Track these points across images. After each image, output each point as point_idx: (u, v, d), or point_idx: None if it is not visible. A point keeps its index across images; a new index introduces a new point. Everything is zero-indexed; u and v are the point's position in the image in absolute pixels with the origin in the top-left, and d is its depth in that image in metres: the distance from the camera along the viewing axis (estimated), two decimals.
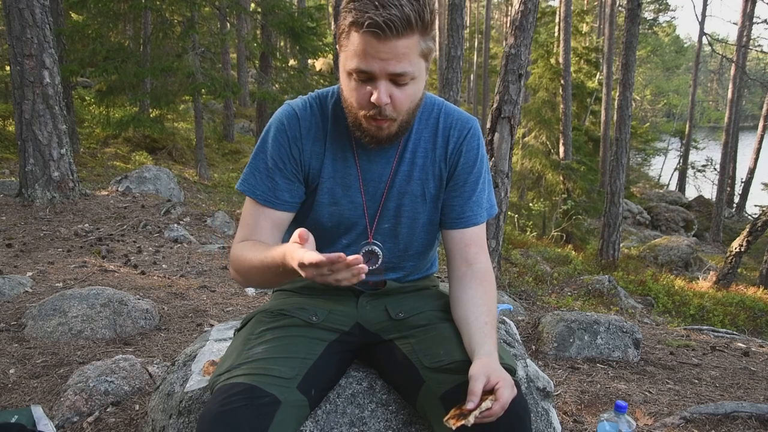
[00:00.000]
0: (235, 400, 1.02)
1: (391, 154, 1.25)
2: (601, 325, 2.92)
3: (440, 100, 1.31)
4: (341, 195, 1.25)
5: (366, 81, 1.08)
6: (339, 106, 1.23)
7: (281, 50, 14.68)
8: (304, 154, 1.24)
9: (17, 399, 2.01)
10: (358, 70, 1.06)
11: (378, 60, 1.04)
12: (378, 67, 1.05)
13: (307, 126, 1.24)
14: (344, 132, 1.23)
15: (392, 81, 1.07)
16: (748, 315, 6.51)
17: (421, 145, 1.27)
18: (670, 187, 25.01)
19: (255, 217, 1.24)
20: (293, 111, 1.24)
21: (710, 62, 41.29)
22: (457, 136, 1.28)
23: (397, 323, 1.29)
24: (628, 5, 9.27)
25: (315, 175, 1.25)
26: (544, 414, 1.41)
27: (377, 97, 1.07)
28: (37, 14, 5.16)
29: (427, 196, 1.28)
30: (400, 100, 1.10)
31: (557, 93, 15.48)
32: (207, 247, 4.76)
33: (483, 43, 26.58)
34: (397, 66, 1.05)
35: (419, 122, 1.27)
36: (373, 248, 1.30)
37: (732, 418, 2.12)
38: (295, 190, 1.25)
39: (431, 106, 1.29)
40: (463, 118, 1.29)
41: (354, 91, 1.10)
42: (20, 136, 5.27)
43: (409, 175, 1.26)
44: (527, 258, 7.99)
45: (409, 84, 1.09)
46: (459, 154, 1.28)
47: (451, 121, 1.28)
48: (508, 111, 5.32)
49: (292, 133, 1.23)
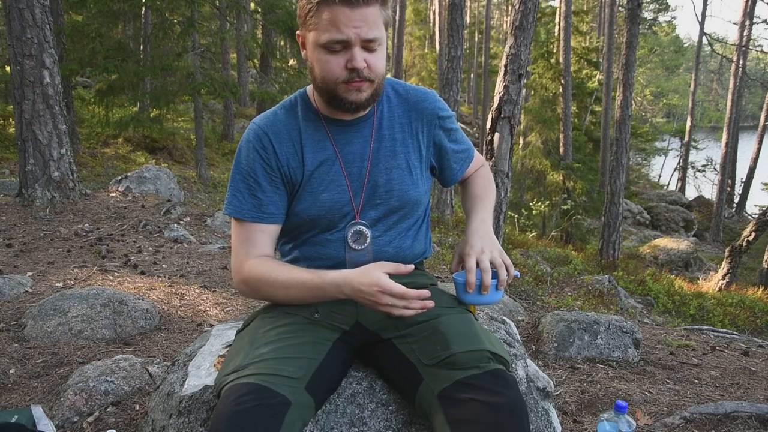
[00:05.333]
0: (247, 400, 1.02)
1: (367, 133, 1.31)
2: (601, 325, 2.92)
3: (398, 80, 1.41)
4: (328, 181, 1.30)
5: (340, 51, 1.15)
6: (306, 101, 1.32)
7: (281, 50, 14.68)
8: (281, 158, 1.29)
9: (17, 399, 2.01)
10: (334, 41, 1.13)
11: (352, 27, 1.12)
12: (353, 34, 1.13)
13: (275, 132, 1.30)
14: (316, 122, 1.31)
15: (364, 48, 1.16)
16: (748, 315, 6.51)
17: (397, 120, 1.35)
18: (670, 187, 25.02)
19: (249, 233, 1.30)
20: (257, 127, 1.31)
21: (710, 62, 41.32)
22: (428, 107, 1.37)
23: (396, 321, 1.29)
24: (628, 5, 9.27)
25: (297, 172, 1.30)
26: (544, 414, 1.41)
27: (355, 61, 1.15)
28: (37, 14, 5.16)
29: (413, 169, 1.35)
30: (374, 63, 1.18)
31: (557, 93, 15.49)
32: (207, 247, 4.76)
33: (483, 42, 26.58)
34: (369, 32, 1.14)
35: (390, 101, 1.35)
36: (360, 228, 1.32)
37: (732, 418, 2.12)
38: (278, 201, 1.30)
39: (401, 87, 1.38)
40: (422, 90, 1.41)
41: (328, 63, 1.17)
42: (20, 136, 5.27)
43: (393, 151, 1.33)
44: (527, 258, 7.98)
45: (377, 50, 1.18)
46: (438, 119, 1.38)
47: (418, 94, 1.38)
48: (508, 111, 5.32)
49: (261, 145, 1.29)
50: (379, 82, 1.22)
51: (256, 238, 1.29)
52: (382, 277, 1.12)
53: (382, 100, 1.34)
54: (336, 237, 1.32)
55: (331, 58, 1.16)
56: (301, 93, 1.34)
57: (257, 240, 1.29)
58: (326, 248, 1.33)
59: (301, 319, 1.26)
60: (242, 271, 1.28)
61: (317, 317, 1.28)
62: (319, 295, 1.22)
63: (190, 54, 9.40)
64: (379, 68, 1.19)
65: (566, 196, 13.82)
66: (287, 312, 1.28)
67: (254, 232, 1.29)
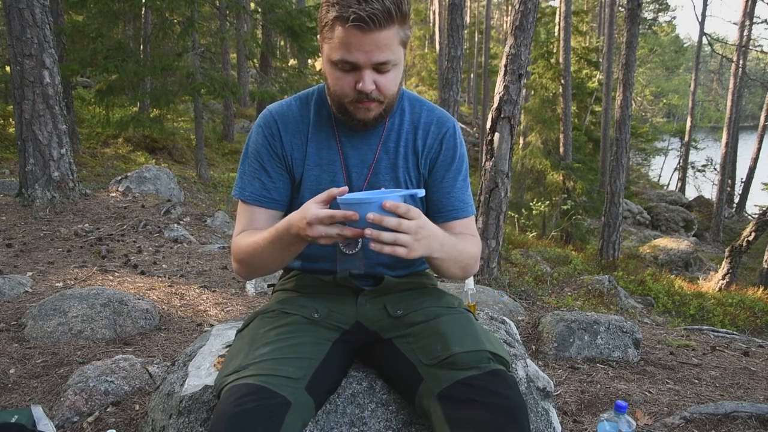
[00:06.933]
0: (247, 400, 1.03)
1: (374, 141, 1.32)
2: (601, 325, 2.92)
3: (421, 98, 1.38)
4: (327, 181, 1.31)
5: (351, 70, 1.14)
6: (322, 98, 1.33)
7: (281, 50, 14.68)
8: (285, 147, 1.31)
9: (17, 399, 2.01)
10: (344, 61, 1.13)
11: (362, 52, 1.10)
12: (363, 58, 1.11)
13: (284, 121, 1.32)
14: (327, 121, 1.32)
15: (376, 69, 1.14)
16: (748, 315, 6.51)
17: (403, 135, 1.34)
18: (670, 187, 25.02)
19: (249, 214, 1.33)
20: (269, 113, 1.33)
21: (710, 62, 41.30)
22: (436, 132, 1.35)
23: (396, 321, 1.29)
24: (628, 5, 9.27)
25: (299, 164, 1.32)
26: (544, 414, 1.41)
27: (363, 85, 1.14)
28: (37, 14, 5.16)
29: (409, 186, 1.35)
30: (384, 85, 1.17)
31: (557, 93, 15.49)
32: (207, 247, 4.76)
33: (483, 42, 26.58)
34: (380, 56, 1.12)
35: (403, 115, 1.34)
36: None
37: (732, 418, 2.12)
38: (282, 188, 1.32)
39: (418, 104, 1.36)
40: (444, 117, 1.37)
41: (339, 80, 1.17)
42: (20, 136, 5.27)
43: (395, 163, 1.33)
44: (527, 258, 7.99)
45: (391, 70, 1.16)
46: (438, 151, 1.35)
47: (433, 118, 1.35)
48: (508, 111, 5.32)
49: (270, 131, 1.31)
50: (389, 101, 1.21)
51: (255, 221, 1.31)
52: (310, 208, 1.06)
53: (395, 112, 1.33)
54: None
55: (341, 75, 1.16)
56: (319, 88, 1.35)
57: (256, 223, 1.31)
58: (322, 248, 1.33)
59: (300, 319, 1.26)
60: (233, 246, 1.32)
61: (317, 317, 1.28)
62: (283, 245, 1.17)
63: (190, 54, 9.40)
64: (389, 89, 1.18)
65: (566, 196, 13.82)
66: (287, 312, 1.28)
67: (255, 215, 1.32)
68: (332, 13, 1.09)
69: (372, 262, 1.35)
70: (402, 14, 1.10)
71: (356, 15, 1.06)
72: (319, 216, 1.04)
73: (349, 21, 1.06)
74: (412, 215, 1.04)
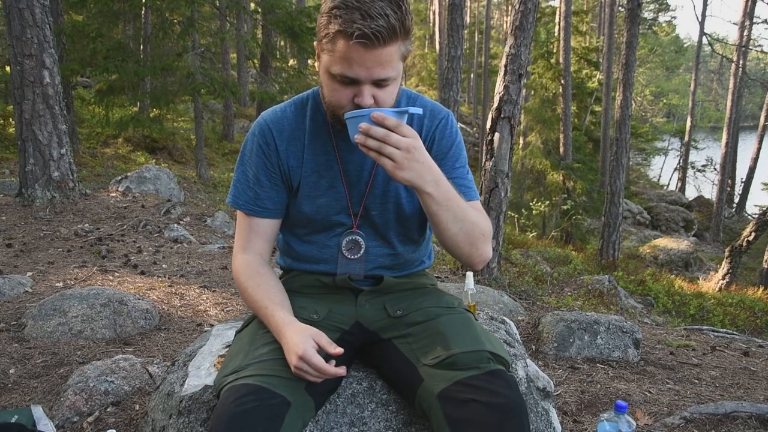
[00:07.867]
0: (247, 401, 1.03)
1: None
2: (601, 325, 2.92)
3: (417, 94, 1.37)
4: (325, 187, 1.30)
5: (350, 84, 1.12)
6: (317, 103, 1.31)
7: (281, 50, 14.68)
8: (281, 155, 1.30)
9: (17, 399, 2.01)
10: (343, 75, 1.10)
11: (364, 68, 1.08)
12: (364, 74, 1.09)
13: (279, 129, 1.30)
14: (323, 127, 1.30)
15: (375, 84, 1.12)
16: (748, 315, 6.51)
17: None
18: (670, 187, 25.01)
19: (245, 226, 1.33)
20: (263, 121, 1.32)
21: (710, 62, 41.29)
22: (429, 124, 1.33)
23: (396, 321, 1.29)
24: (628, 5, 9.27)
25: (296, 172, 1.30)
26: (544, 414, 1.41)
27: (361, 100, 1.12)
28: (37, 14, 5.16)
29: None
30: (383, 99, 1.15)
31: (557, 93, 15.48)
32: (207, 247, 4.76)
33: (483, 42, 26.57)
34: (381, 72, 1.09)
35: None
36: (356, 237, 1.33)
37: (732, 418, 2.12)
38: (276, 198, 1.31)
39: (413, 100, 1.34)
40: (436, 108, 1.35)
41: (336, 92, 1.15)
42: (20, 136, 5.27)
43: None
44: (527, 258, 7.99)
45: (390, 85, 1.14)
46: (432, 141, 1.32)
47: (426, 111, 1.34)
48: (508, 111, 5.31)
49: (265, 140, 1.30)
50: None
51: (252, 231, 1.33)
52: (308, 349, 1.09)
53: None
54: (333, 242, 1.33)
55: (339, 88, 1.13)
56: (314, 92, 1.33)
57: (252, 233, 1.33)
58: (323, 251, 1.34)
59: (300, 320, 1.26)
60: (234, 262, 1.34)
61: (316, 318, 1.28)
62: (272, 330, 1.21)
63: (190, 54, 9.40)
64: (387, 103, 1.16)
65: (566, 196, 13.81)
66: None
67: (251, 225, 1.33)
68: (335, 26, 1.06)
69: (372, 266, 1.35)
70: (405, 30, 1.08)
71: (361, 32, 1.03)
72: (311, 361, 1.08)
73: (353, 38, 1.04)
74: (403, 131, 1.05)
